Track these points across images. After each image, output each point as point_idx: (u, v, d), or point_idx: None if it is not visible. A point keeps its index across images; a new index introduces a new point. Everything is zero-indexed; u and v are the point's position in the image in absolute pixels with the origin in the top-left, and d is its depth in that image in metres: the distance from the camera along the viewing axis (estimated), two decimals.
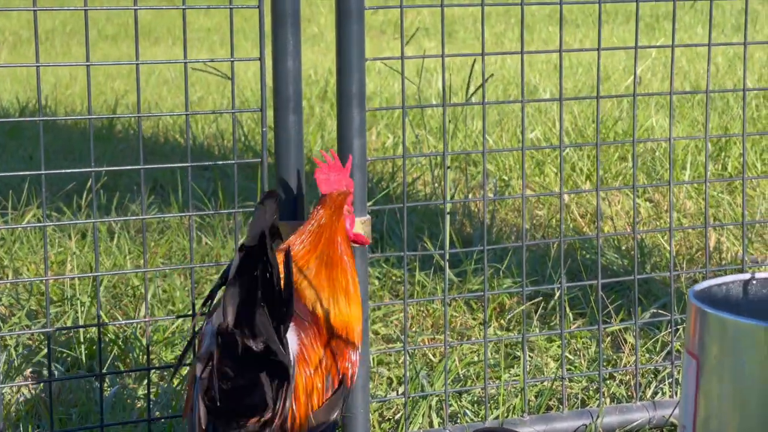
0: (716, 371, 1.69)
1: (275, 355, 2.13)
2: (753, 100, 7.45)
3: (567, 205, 5.22)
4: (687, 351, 1.73)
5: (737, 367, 1.65)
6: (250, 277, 2.13)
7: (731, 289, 1.88)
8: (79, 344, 3.63)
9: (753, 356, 1.64)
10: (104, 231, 4.88)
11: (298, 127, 2.87)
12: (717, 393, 1.70)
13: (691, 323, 1.73)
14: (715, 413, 1.71)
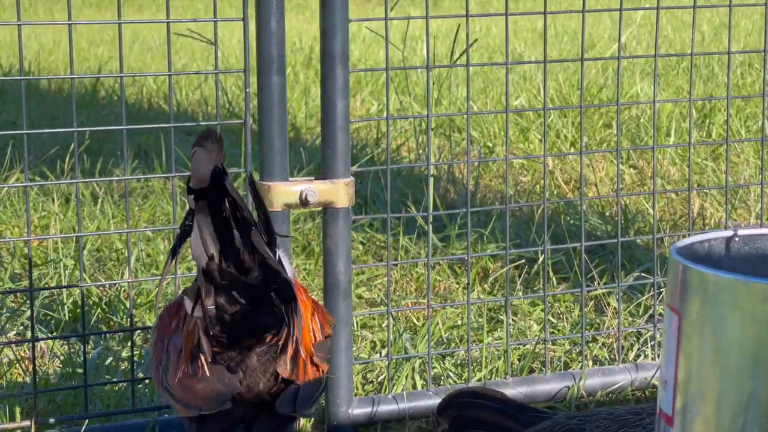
0: (697, 326, 1.69)
1: (276, 275, 2.14)
2: (738, 68, 7.46)
3: (551, 172, 5.23)
4: (668, 306, 1.74)
5: (717, 322, 1.65)
6: (218, 210, 2.14)
7: (713, 246, 1.88)
8: (63, 306, 3.63)
9: (733, 311, 1.65)
10: (88, 196, 4.87)
11: (281, 88, 2.86)
12: (698, 350, 1.70)
13: (672, 279, 1.73)
14: (695, 374, 1.71)
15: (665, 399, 1.74)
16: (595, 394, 3.12)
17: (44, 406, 2.98)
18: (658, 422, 1.75)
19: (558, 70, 7.65)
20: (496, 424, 2.46)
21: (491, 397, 2.51)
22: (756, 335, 1.60)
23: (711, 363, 1.67)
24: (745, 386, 1.62)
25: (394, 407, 2.97)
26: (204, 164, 2.16)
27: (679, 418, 1.71)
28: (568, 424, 2.36)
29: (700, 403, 1.67)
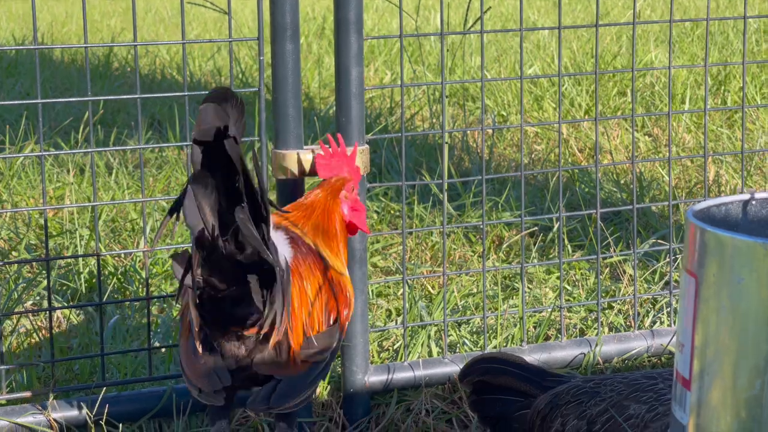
0: (714, 289, 1.69)
1: (260, 257, 2.12)
2: (753, 35, 7.41)
3: (566, 140, 5.21)
4: (686, 270, 1.73)
5: (735, 284, 1.65)
6: (217, 174, 2.10)
7: (730, 209, 1.87)
8: (79, 276, 3.64)
9: (751, 274, 1.64)
10: (102, 167, 4.88)
11: (295, 56, 2.85)
12: (715, 314, 1.70)
13: (689, 242, 1.73)
14: (712, 338, 1.71)
15: (682, 362, 1.74)
16: (611, 361, 3.12)
17: (61, 375, 3.00)
18: (675, 385, 1.75)
19: (572, 38, 7.61)
20: (515, 389, 2.47)
21: (511, 362, 2.52)
22: None
23: (728, 326, 1.67)
24: (762, 348, 1.62)
25: (410, 375, 2.98)
26: (212, 118, 2.11)
27: (697, 383, 1.71)
28: (584, 387, 2.37)
29: (717, 367, 1.67)
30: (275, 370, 2.32)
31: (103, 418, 2.73)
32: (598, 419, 2.29)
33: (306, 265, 2.37)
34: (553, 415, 2.35)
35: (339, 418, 2.91)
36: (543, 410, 2.38)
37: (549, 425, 2.35)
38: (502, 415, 2.47)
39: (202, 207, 2.10)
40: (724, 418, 1.67)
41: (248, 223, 2.07)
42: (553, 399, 2.37)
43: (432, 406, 2.94)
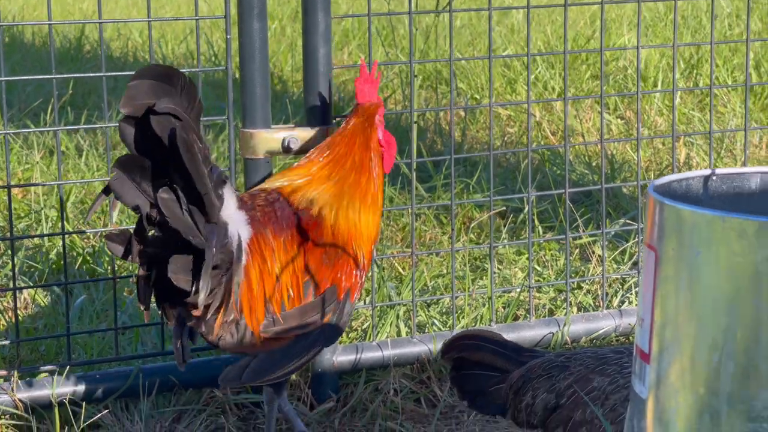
0: (674, 263, 1.69)
1: (185, 238, 2.13)
2: (726, 19, 7.43)
3: (538, 123, 5.21)
4: (646, 244, 1.73)
5: (694, 258, 1.65)
6: (150, 153, 2.12)
7: (691, 185, 1.87)
8: (47, 257, 3.62)
9: (710, 247, 1.64)
10: (72, 149, 4.85)
11: (262, 34, 2.84)
12: (674, 290, 1.70)
13: (649, 216, 1.73)
14: (671, 313, 1.71)
15: (642, 336, 1.74)
16: (579, 340, 3.13)
17: (27, 355, 2.98)
18: (635, 359, 1.75)
19: (546, 22, 7.61)
20: (493, 365, 2.51)
21: (489, 339, 2.57)
22: (732, 270, 1.60)
23: (687, 300, 1.67)
24: (721, 322, 1.62)
25: (379, 354, 2.98)
26: (143, 95, 2.13)
27: (656, 356, 1.71)
28: (556, 361, 2.42)
29: (676, 341, 1.67)
30: (240, 349, 2.32)
31: (66, 398, 2.71)
32: (566, 392, 2.34)
33: (274, 243, 2.36)
34: (525, 388, 2.40)
35: (307, 397, 2.90)
36: (516, 384, 2.42)
37: (521, 398, 2.40)
38: (480, 389, 2.51)
39: (128, 188, 2.11)
40: (682, 391, 1.67)
41: (172, 204, 2.09)
42: (526, 373, 2.42)
43: (400, 386, 2.94)
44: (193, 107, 2.24)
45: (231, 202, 2.28)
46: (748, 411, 1.58)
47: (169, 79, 2.17)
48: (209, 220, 2.17)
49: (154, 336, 3.08)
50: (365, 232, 2.49)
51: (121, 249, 2.18)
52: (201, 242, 2.13)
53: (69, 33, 7.96)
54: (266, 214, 2.40)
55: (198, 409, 2.84)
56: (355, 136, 2.53)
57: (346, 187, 2.49)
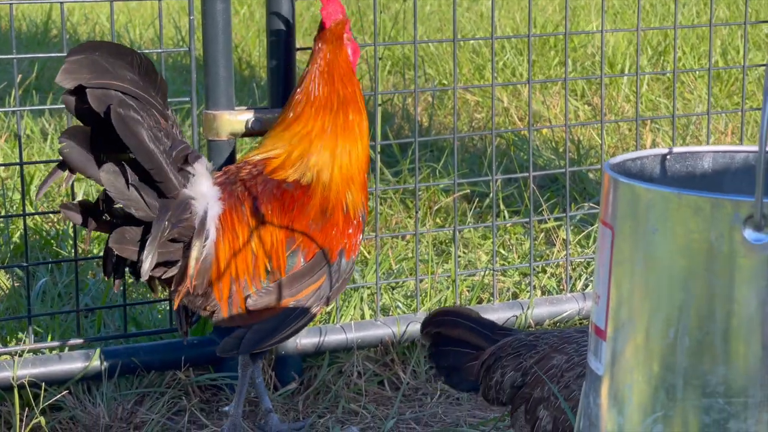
0: (629, 240, 1.70)
1: (126, 209, 2.19)
2: (694, 6, 7.46)
3: (506, 109, 5.22)
4: (601, 222, 1.74)
5: (650, 234, 1.65)
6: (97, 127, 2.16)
7: (646, 163, 1.88)
8: (10, 241, 3.60)
9: (666, 224, 1.65)
10: (38, 132, 4.82)
11: (226, 15, 2.83)
12: (630, 265, 1.70)
13: (604, 194, 1.73)
14: (627, 289, 1.72)
15: (597, 313, 1.75)
16: (543, 323, 3.14)
17: None
18: (591, 336, 1.76)
19: (516, 9, 7.62)
20: (468, 341, 2.54)
21: (465, 315, 2.60)
22: (688, 247, 1.60)
23: (643, 277, 1.68)
24: (676, 298, 1.63)
25: (342, 337, 2.98)
26: (78, 69, 2.15)
27: (612, 333, 1.71)
28: (525, 340, 2.46)
29: (632, 317, 1.68)
30: (233, 323, 2.36)
31: (27, 380, 2.70)
32: (530, 371, 2.37)
33: (252, 219, 2.38)
34: (495, 366, 2.44)
35: (270, 380, 2.90)
36: (487, 361, 2.45)
37: (491, 375, 2.43)
38: (455, 366, 2.54)
39: (78, 156, 2.14)
40: (638, 368, 1.68)
41: (114, 178, 2.12)
42: (497, 351, 2.46)
43: (364, 369, 2.94)
44: (154, 85, 2.24)
45: (202, 179, 2.30)
46: (703, 386, 1.59)
47: (119, 56, 2.19)
48: (164, 195, 2.18)
49: (117, 318, 3.07)
50: (357, 171, 2.51)
51: (78, 217, 2.21)
52: (146, 215, 2.16)
53: (36, 17, 7.91)
54: (248, 188, 2.42)
55: (160, 392, 2.83)
56: (332, 68, 2.52)
57: (339, 130, 2.50)
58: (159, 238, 2.18)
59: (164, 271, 2.28)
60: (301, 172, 2.47)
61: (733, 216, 1.54)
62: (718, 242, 1.56)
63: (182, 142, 2.28)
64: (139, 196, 2.16)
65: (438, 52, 6.17)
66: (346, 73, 2.52)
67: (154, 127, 2.18)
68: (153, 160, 2.16)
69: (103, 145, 2.16)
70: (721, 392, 1.55)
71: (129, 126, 2.13)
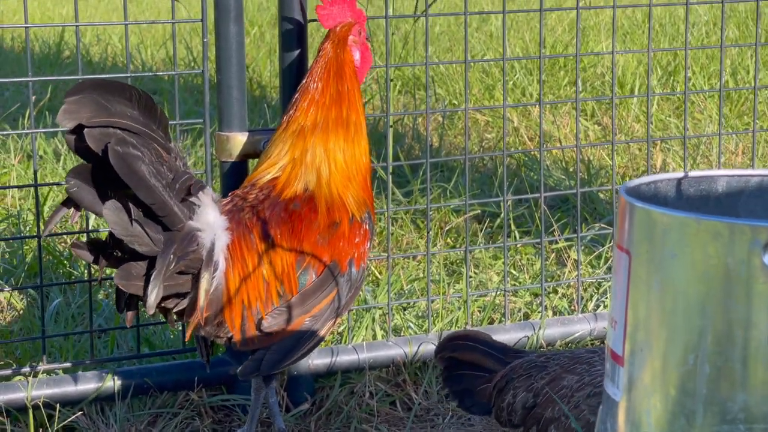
0: (646, 265, 1.69)
1: (129, 245, 2.20)
2: (704, 26, 7.47)
3: (516, 129, 5.23)
4: (617, 246, 1.74)
5: (667, 260, 1.65)
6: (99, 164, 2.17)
7: (661, 187, 1.88)
8: (23, 261, 3.61)
9: (684, 249, 1.65)
10: (51, 154, 4.83)
11: (239, 38, 2.84)
12: (647, 290, 1.70)
13: (620, 218, 1.74)
14: (644, 315, 1.72)
15: (614, 338, 1.75)
16: (555, 344, 3.14)
17: (2, 358, 2.97)
18: (608, 362, 1.76)
19: (525, 29, 7.64)
20: (481, 365, 2.55)
21: (479, 339, 2.61)
22: (706, 272, 1.60)
23: (661, 302, 1.67)
24: (694, 323, 1.63)
25: (354, 357, 2.98)
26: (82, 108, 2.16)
27: (629, 358, 1.71)
28: (536, 361, 2.47)
29: (650, 343, 1.68)
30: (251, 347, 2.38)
31: (41, 401, 2.70)
32: (541, 391, 2.38)
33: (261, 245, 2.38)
34: (507, 388, 2.45)
35: (283, 400, 2.90)
36: (499, 383, 2.47)
37: (503, 397, 2.45)
38: (468, 389, 2.56)
39: (87, 194, 2.15)
40: (656, 393, 1.68)
41: (118, 214, 2.13)
42: (509, 373, 2.47)
43: (376, 389, 2.94)
44: (155, 119, 2.26)
45: (208, 209, 2.30)
46: (722, 412, 1.58)
47: (118, 92, 2.20)
48: (169, 228, 2.19)
49: (130, 339, 3.08)
50: (355, 170, 2.50)
51: (89, 255, 2.22)
52: (150, 250, 2.17)
53: (49, 38, 7.94)
54: (256, 215, 2.42)
55: (173, 413, 2.84)
56: (330, 66, 2.53)
57: (331, 124, 2.50)
58: (164, 272, 2.18)
59: (176, 303, 2.29)
60: (305, 179, 2.47)
61: (752, 241, 1.54)
62: (736, 267, 1.56)
63: (185, 173, 2.28)
64: (143, 231, 2.17)
65: (448, 72, 6.19)
66: (343, 72, 2.52)
67: (156, 162, 2.19)
68: (154, 196, 2.17)
69: (106, 183, 2.17)
70: (741, 418, 1.55)
71: (128, 163, 2.14)
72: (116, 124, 2.16)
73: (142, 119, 2.23)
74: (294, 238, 2.43)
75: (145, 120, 2.23)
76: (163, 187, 2.19)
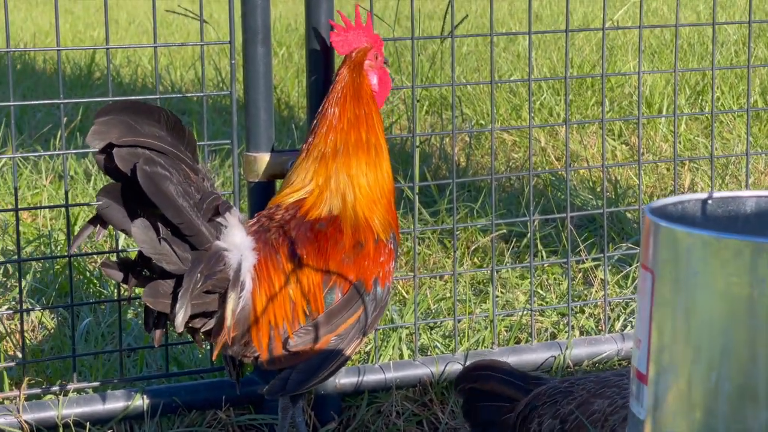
0: (670, 284, 1.70)
1: (157, 262, 2.21)
2: (732, 46, 7.46)
3: (543, 149, 5.24)
4: (642, 266, 1.75)
5: (691, 278, 1.66)
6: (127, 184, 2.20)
7: (687, 207, 1.88)
8: (55, 281, 3.64)
9: (706, 268, 1.65)
10: (81, 174, 4.88)
11: (267, 59, 2.87)
12: (671, 309, 1.71)
13: (645, 238, 1.75)
14: (668, 334, 1.72)
15: (639, 358, 1.75)
16: (582, 364, 3.13)
17: (33, 377, 3.00)
18: (633, 381, 1.77)
19: (552, 49, 7.65)
20: (502, 394, 2.54)
21: (498, 368, 2.59)
22: (729, 291, 1.61)
23: (684, 321, 1.68)
24: (717, 343, 1.63)
25: (381, 377, 2.99)
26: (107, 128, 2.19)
27: (653, 377, 1.72)
28: (560, 387, 2.45)
29: (673, 361, 1.68)
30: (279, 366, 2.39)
31: (72, 419, 2.73)
32: (569, 417, 2.36)
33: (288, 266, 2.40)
34: (531, 415, 2.42)
35: (310, 419, 2.92)
36: (523, 411, 2.45)
37: (528, 426, 2.42)
38: (490, 419, 2.55)
39: (116, 213, 2.17)
40: (680, 411, 1.68)
41: (146, 232, 2.15)
42: (532, 400, 2.45)
43: (402, 408, 2.95)
44: (183, 140, 2.28)
45: (236, 230, 2.32)
46: (746, 431, 1.59)
47: (147, 114, 2.23)
48: (196, 247, 2.22)
49: (159, 358, 3.10)
50: (379, 194, 2.51)
51: (119, 275, 2.24)
52: (178, 269, 2.19)
53: (80, 60, 8.02)
54: (282, 235, 2.44)
55: (202, 431, 2.85)
56: (346, 90, 2.55)
57: (351, 149, 2.51)
58: (191, 291, 2.21)
59: (204, 322, 2.31)
60: (329, 204, 2.49)
61: None
62: (758, 286, 1.57)
63: (212, 193, 2.30)
64: (171, 249, 2.19)
65: (475, 92, 6.21)
66: (360, 96, 2.53)
67: (183, 182, 2.21)
68: (182, 215, 2.19)
69: (135, 203, 2.20)
70: None
71: (155, 182, 2.17)
72: (144, 144, 2.19)
73: (170, 140, 2.25)
74: (320, 257, 2.45)
75: (173, 141, 2.26)
76: (191, 207, 2.21)
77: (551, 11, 10.57)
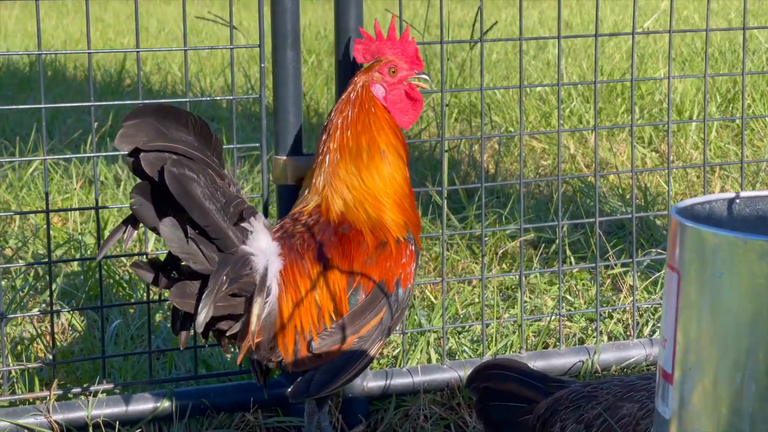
0: (696, 284, 1.70)
1: (185, 261, 2.23)
2: (764, 54, 7.43)
3: (572, 156, 5.24)
4: (668, 266, 1.75)
5: (716, 279, 1.66)
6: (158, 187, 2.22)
7: (714, 207, 1.88)
8: (85, 284, 3.67)
9: (732, 268, 1.66)
10: (111, 179, 4.92)
11: (296, 63, 2.89)
12: (696, 309, 1.71)
13: (671, 238, 1.75)
14: (694, 334, 1.72)
15: (665, 357, 1.75)
16: (610, 369, 3.13)
17: (63, 378, 3.03)
18: (658, 380, 1.77)
19: (582, 56, 7.64)
20: (519, 394, 2.50)
21: (515, 368, 2.55)
22: (754, 291, 1.61)
23: (709, 321, 1.68)
24: (743, 343, 1.63)
25: (409, 380, 2.99)
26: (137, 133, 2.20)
27: (678, 376, 1.72)
28: (582, 391, 2.41)
29: (698, 361, 1.68)
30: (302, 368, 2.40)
31: (101, 420, 2.75)
32: (595, 422, 2.33)
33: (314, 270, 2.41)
34: (553, 419, 2.39)
35: (338, 422, 2.93)
36: (543, 415, 2.41)
37: (549, 430, 2.38)
38: (506, 420, 2.50)
39: (148, 211, 2.19)
40: (705, 411, 1.68)
41: (174, 232, 2.16)
42: (553, 404, 2.41)
43: (430, 412, 2.96)
44: (209, 145, 2.30)
45: (261, 235, 2.33)
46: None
47: (174, 118, 2.25)
48: (223, 249, 2.23)
49: (188, 360, 3.12)
50: (385, 195, 2.51)
51: (149, 275, 2.26)
52: (205, 269, 2.21)
53: (110, 67, 8.09)
54: (307, 241, 2.45)
55: None
56: (345, 100, 2.55)
57: (345, 151, 2.51)
58: (216, 292, 2.22)
59: (229, 325, 2.32)
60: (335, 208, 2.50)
61: None
62: None
63: (237, 197, 2.32)
64: (198, 249, 2.21)
65: (504, 99, 6.21)
66: (358, 104, 2.53)
67: (210, 186, 2.23)
68: (208, 218, 2.21)
69: (165, 205, 2.21)
70: None
71: (183, 184, 2.19)
72: (171, 148, 2.21)
73: (197, 144, 2.27)
74: (345, 260, 2.46)
75: (199, 145, 2.28)
76: (217, 210, 2.23)
77: (581, 19, 10.55)
